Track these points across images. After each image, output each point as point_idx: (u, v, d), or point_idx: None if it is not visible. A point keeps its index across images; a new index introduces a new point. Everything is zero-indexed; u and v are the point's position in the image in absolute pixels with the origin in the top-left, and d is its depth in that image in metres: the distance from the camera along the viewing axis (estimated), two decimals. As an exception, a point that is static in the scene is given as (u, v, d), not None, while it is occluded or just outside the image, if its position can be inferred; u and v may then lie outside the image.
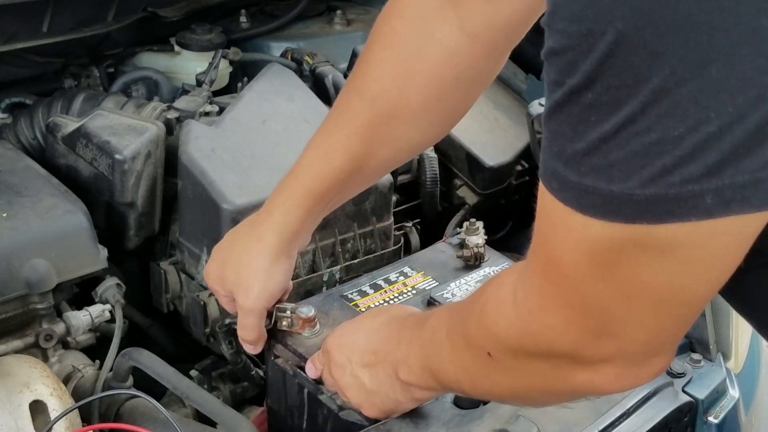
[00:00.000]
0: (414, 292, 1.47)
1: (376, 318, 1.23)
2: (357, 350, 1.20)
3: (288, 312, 1.36)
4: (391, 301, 1.45)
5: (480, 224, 1.54)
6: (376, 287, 1.48)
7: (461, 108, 1.28)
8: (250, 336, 1.33)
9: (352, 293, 1.46)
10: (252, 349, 1.36)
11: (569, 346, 0.86)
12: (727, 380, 1.39)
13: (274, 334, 1.37)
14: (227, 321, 1.40)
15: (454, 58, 1.20)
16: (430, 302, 1.44)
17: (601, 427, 1.22)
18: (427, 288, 1.48)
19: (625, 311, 0.81)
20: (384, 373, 1.17)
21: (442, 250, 1.58)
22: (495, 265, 1.53)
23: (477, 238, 1.52)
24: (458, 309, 1.05)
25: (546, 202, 0.79)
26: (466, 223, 1.55)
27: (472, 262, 1.52)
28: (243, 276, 1.30)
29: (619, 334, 0.83)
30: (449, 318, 1.06)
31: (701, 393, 1.32)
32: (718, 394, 1.36)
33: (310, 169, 1.27)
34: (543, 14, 0.76)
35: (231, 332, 1.42)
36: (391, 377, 1.17)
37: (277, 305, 1.37)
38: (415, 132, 1.26)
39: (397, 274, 1.51)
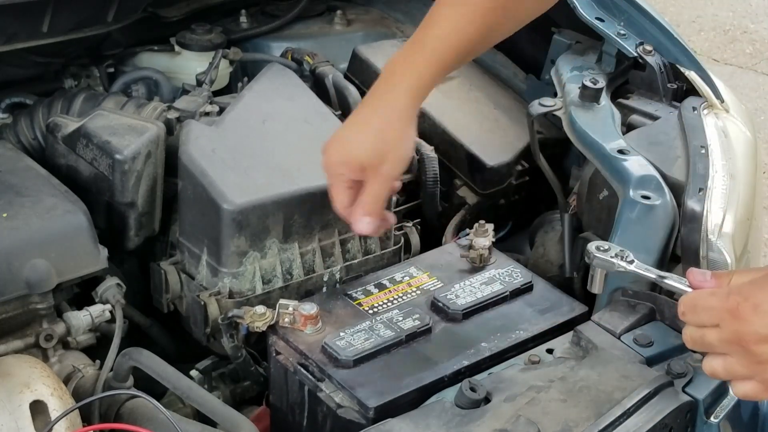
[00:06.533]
0: (419, 292, 1.47)
1: None
2: None
3: (290, 309, 1.37)
4: (395, 301, 1.45)
5: (490, 227, 1.54)
6: (381, 287, 1.48)
7: None
8: (378, 207, 1.37)
9: (356, 292, 1.46)
10: (368, 226, 1.38)
11: None
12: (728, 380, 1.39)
13: (276, 330, 1.38)
14: (230, 314, 1.41)
15: None
16: (434, 303, 1.44)
17: (601, 427, 1.21)
18: (431, 288, 1.48)
19: None
20: None
21: (449, 251, 1.58)
22: (501, 267, 1.53)
23: (484, 240, 1.53)
24: None
25: None
26: (475, 225, 1.55)
27: (477, 264, 1.52)
28: (382, 143, 1.36)
29: None
30: None
31: (701, 393, 1.32)
32: (718, 394, 1.36)
33: (442, 38, 1.37)
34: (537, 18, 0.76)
35: (233, 325, 1.42)
36: None
37: (279, 302, 1.37)
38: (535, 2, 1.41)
39: (403, 274, 1.51)
